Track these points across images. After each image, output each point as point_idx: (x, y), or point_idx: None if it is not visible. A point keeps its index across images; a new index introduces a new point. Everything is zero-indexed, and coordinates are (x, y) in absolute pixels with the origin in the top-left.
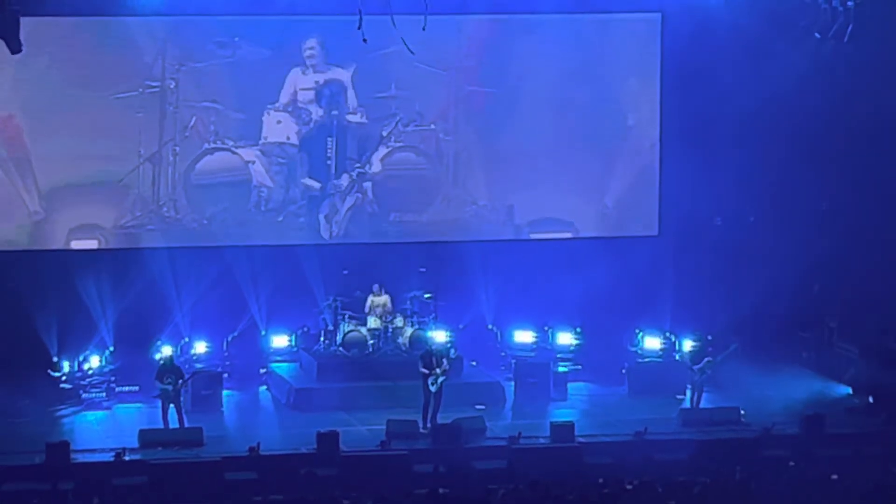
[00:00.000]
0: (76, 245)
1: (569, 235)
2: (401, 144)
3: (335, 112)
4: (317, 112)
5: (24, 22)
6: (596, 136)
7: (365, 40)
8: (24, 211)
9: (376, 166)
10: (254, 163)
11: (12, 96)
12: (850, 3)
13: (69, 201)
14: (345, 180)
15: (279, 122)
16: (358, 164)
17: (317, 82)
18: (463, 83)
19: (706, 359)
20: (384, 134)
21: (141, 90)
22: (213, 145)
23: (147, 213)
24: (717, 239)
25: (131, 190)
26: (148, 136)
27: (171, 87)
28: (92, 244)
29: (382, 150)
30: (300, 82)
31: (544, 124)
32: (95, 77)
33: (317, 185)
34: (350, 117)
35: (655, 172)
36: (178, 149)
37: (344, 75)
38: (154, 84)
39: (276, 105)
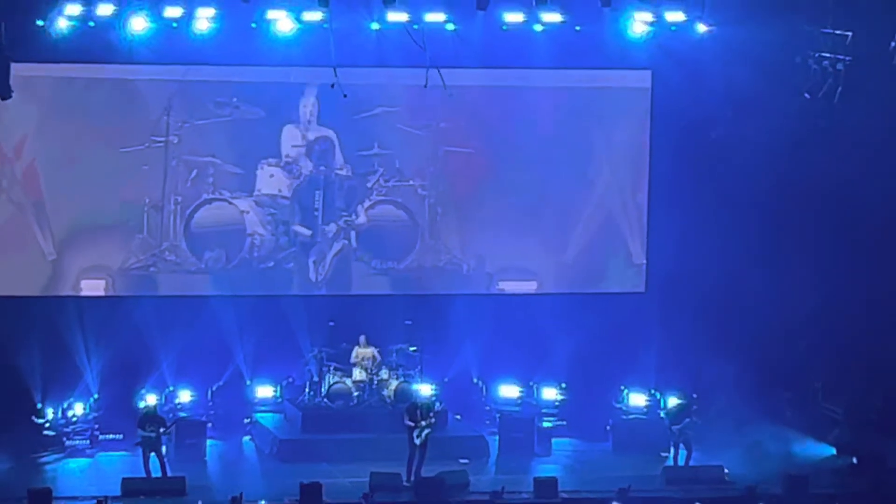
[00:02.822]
0: (86, 285)
1: (534, 288)
2: (382, 198)
3: (323, 167)
4: (307, 167)
5: (44, 78)
6: (583, 193)
7: (345, 95)
8: (39, 252)
9: (360, 217)
10: (248, 213)
11: (33, 146)
12: (839, 66)
13: (80, 244)
14: (332, 229)
15: (272, 175)
16: (344, 215)
17: (307, 140)
18: (439, 143)
19: (686, 419)
20: (368, 187)
21: (147, 145)
22: (211, 196)
23: (150, 257)
24: (703, 297)
25: (137, 235)
26: (152, 186)
27: (175, 142)
28: (100, 284)
29: (366, 203)
30: (292, 139)
31: (528, 180)
32: (107, 132)
33: (307, 232)
34: (337, 172)
35: (643, 229)
36: (179, 198)
37: (332, 134)
38: (159, 139)
39: (270, 160)
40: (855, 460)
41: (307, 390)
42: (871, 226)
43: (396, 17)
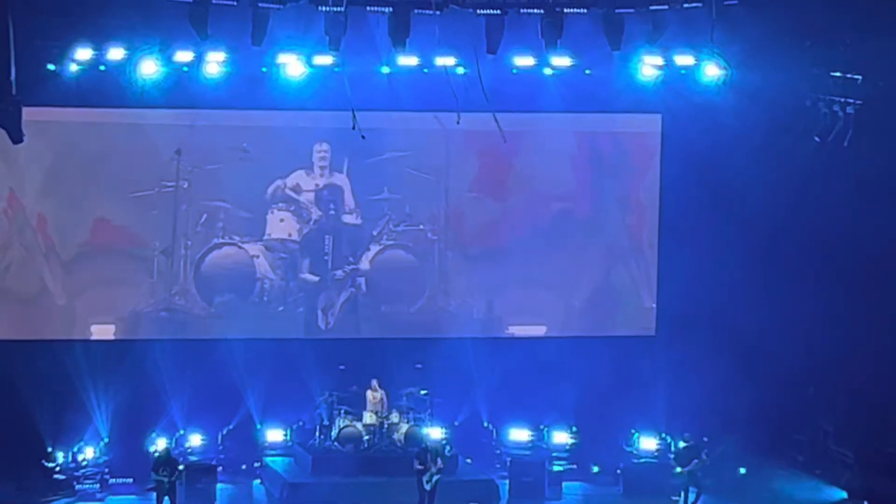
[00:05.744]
0: (96, 329)
1: (543, 331)
2: (392, 243)
3: (332, 212)
4: (316, 212)
5: (56, 123)
6: (593, 236)
7: (363, 136)
8: (49, 296)
9: (369, 263)
10: (258, 257)
11: (44, 192)
12: (849, 109)
13: (90, 289)
14: (340, 275)
15: (282, 220)
16: (352, 260)
17: (317, 185)
18: (449, 188)
19: (695, 461)
20: (375, 233)
21: (157, 189)
22: (221, 240)
23: (160, 301)
24: (714, 340)
25: (147, 279)
26: (162, 230)
27: (185, 186)
28: (110, 328)
29: (375, 248)
30: (303, 185)
31: (538, 223)
32: (118, 176)
33: (315, 278)
34: (346, 217)
35: (654, 272)
36: (189, 243)
37: (342, 179)
38: (169, 184)
39: (280, 204)
40: None
41: (317, 434)
42: (883, 269)
43: (407, 60)
